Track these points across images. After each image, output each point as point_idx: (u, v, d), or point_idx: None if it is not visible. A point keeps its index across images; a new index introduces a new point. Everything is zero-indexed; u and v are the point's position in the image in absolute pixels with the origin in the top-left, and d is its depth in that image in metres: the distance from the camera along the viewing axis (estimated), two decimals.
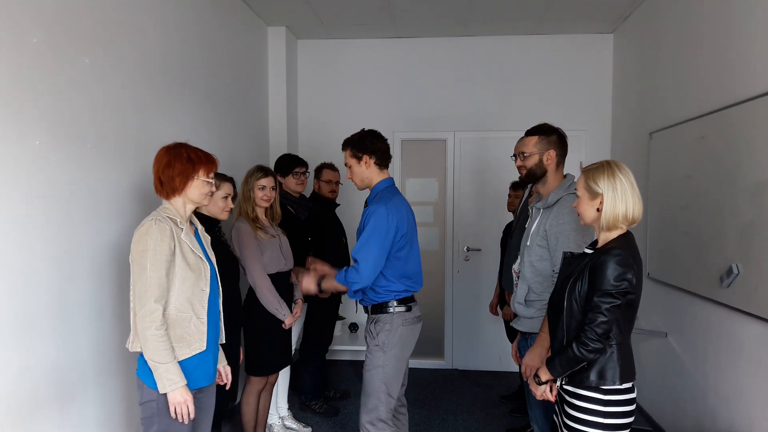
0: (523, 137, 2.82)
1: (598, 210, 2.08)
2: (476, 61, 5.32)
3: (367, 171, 2.86)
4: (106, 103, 2.68)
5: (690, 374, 3.54)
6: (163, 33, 3.23)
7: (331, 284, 2.85)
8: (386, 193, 2.83)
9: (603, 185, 2.06)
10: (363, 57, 5.43)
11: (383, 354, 2.81)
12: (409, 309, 2.87)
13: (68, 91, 2.42)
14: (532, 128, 2.80)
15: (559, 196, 2.63)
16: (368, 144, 2.84)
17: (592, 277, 2.00)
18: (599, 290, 1.97)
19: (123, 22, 2.83)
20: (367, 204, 2.92)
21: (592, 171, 2.11)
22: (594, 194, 2.09)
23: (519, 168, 2.82)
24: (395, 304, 2.84)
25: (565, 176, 2.74)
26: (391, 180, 2.93)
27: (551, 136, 2.72)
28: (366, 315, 2.98)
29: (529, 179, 2.78)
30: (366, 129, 2.90)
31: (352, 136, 2.89)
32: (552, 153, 2.70)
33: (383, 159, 2.87)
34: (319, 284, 2.88)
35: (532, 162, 2.72)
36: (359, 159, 2.84)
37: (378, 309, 2.87)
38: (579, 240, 2.51)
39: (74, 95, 2.46)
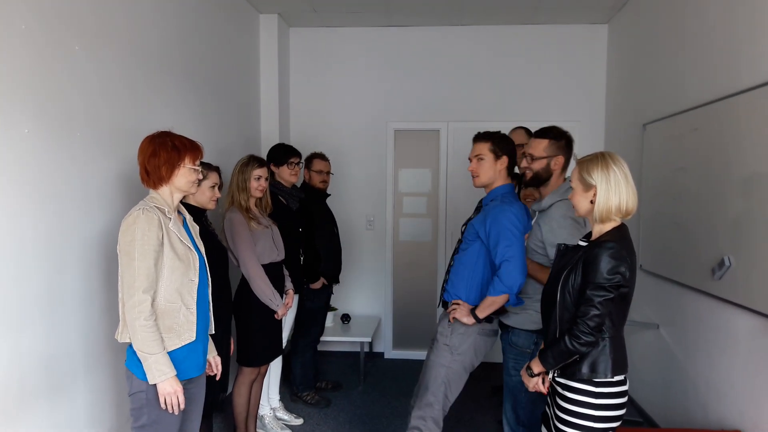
0: (523, 126, 2.79)
1: (591, 202, 2.06)
2: (470, 51, 5.29)
3: (497, 171, 2.75)
4: (95, 91, 2.65)
5: (681, 366, 3.55)
6: (154, 20, 3.18)
7: (486, 305, 2.64)
8: (511, 197, 2.74)
9: (596, 177, 2.04)
10: (356, 46, 5.39)
11: (450, 355, 2.73)
12: (489, 320, 2.74)
13: (58, 79, 2.39)
14: (542, 130, 2.73)
15: (553, 201, 2.63)
16: (510, 146, 2.76)
17: (586, 270, 1.99)
18: (592, 283, 1.96)
19: (113, 10, 2.79)
20: (481, 204, 2.85)
21: (586, 163, 2.09)
22: (587, 186, 2.07)
23: (524, 169, 2.77)
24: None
25: (565, 179, 2.71)
26: (513, 186, 2.82)
27: (561, 141, 2.68)
28: (441, 309, 2.91)
29: (534, 182, 2.75)
30: (502, 132, 2.83)
31: (494, 132, 2.79)
32: (560, 159, 2.67)
33: (513, 165, 2.79)
34: (474, 314, 2.67)
35: (539, 166, 2.69)
36: (497, 156, 2.73)
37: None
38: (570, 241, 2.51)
39: (64, 83, 2.43)
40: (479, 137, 2.80)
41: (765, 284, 2.65)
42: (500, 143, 2.74)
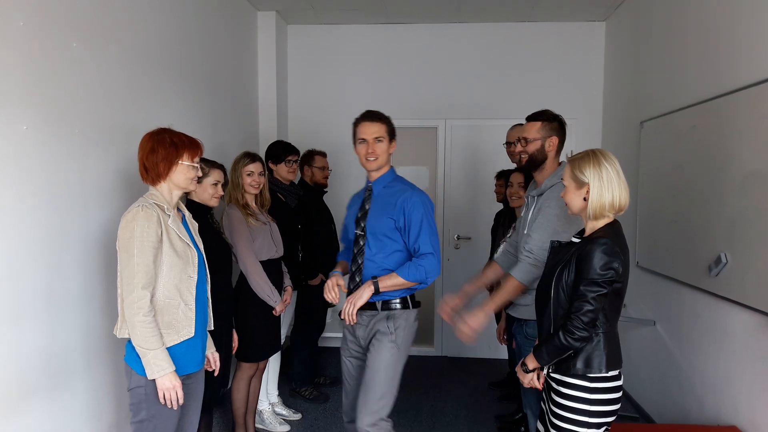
0: (523, 123, 2.78)
1: (584, 199, 2.07)
2: (468, 49, 5.30)
3: (389, 154, 2.75)
4: (94, 87, 2.65)
5: (677, 362, 3.57)
6: (152, 17, 3.19)
7: (392, 282, 2.56)
8: (407, 182, 2.73)
9: (589, 174, 2.05)
10: (354, 43, 5.39)
11: (398, 351, 2.61)
12: (418, 305, 2.72)
13: (56, 76, 2.40)
14: (534, 114, 2.74)
15: (552, 183, 2.63)
16: (395, 132, 2.76)
17: (579, 266, 2.00)
18: (585, 279, 1.97)
19: (111, 7, 2.79)
20: (371, 189, 2.77)
21: (578, 160, 2.10)
22: (580, 183, 2.08)
23: (519, 153, 2.75)
24: (408, 300, 2.67)
25: (560, 163, 2.72)
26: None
27: (553, 122, 2.69)
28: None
29: (530, 166, 2.72)
30: None
31: (382, 113, 2.73)
32: (554, 140, 2.67)
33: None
34: (375, 286, 2.57)
35: (534, 148, 2.68)
36: (390, 140, 2.72)
37: (389, 305, 2.65)
38: (558, 227, 2.52)
39: (62, 80, 2.44)
40: (375, 117, 2.68)
41: (761, 281, 2.67)
42: (392, 125, 2.72)
